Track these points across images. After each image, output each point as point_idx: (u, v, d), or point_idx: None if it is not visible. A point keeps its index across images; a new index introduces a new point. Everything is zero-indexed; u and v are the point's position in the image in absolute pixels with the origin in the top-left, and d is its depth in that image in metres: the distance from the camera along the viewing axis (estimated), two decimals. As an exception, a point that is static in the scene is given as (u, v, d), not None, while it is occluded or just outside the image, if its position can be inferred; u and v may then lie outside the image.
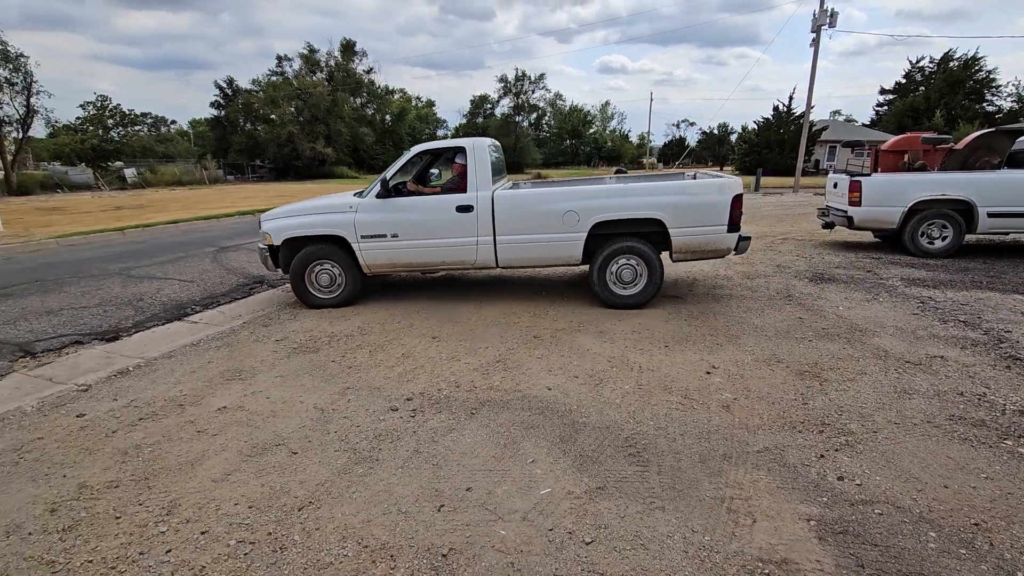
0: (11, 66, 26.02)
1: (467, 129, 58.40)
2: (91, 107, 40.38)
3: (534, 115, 53.99)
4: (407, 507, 2.43)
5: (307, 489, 2.58)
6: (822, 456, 2.74)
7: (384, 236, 5.61)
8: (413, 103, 59.51)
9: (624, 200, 5.36)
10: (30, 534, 2.31)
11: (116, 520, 2.39)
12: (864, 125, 48.27)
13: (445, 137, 63.63)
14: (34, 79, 26.94)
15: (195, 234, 11.35)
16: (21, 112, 27.37)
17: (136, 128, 47.28)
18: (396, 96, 52.95)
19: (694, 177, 5.96)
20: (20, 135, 28.52)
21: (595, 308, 5.42)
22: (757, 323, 4.82)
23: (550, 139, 60.34)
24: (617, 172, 19.30)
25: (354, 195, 5.92)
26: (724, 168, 45.39)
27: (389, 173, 5.64)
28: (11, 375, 3.98)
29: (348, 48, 42.94)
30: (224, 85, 40.70)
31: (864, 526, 2.23)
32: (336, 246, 5.70)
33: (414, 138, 55.09)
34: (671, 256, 5.49)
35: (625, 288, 5.49)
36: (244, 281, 6.81)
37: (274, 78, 40.72)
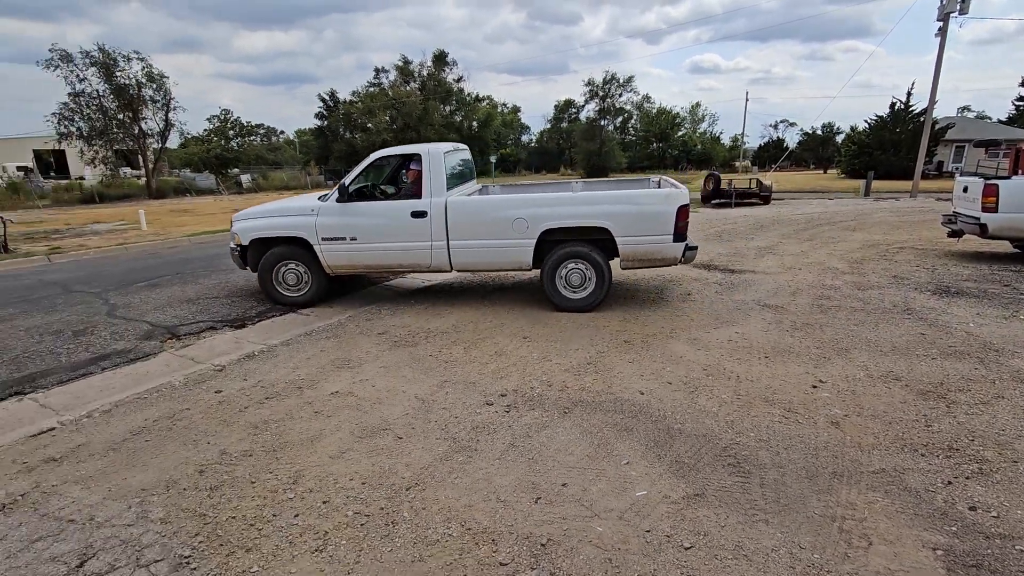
0: (155, 85, 29.71)
1: (551, 134, 58.65)
2: (215, 120, 45.20)
3: (620, 119, 53.23)
4: (506, 496, 2.54)
5: (413, 471, 2.76)
6: (950, 483, 2.52)
7: (343, 239, 5.81)
8: (499, 109, 60.73)
9: (571, 208, 5.52)
10: (184, 489, 2.67)
11: (252, 484, 2.70)
12: (1000, 122, 42.80)
13: (529, 143, 64.28)
14: (172, 96, 30.56)
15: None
16: (161, 126, 31.15)
17: (251, 138, 52.35)
18: (483, 103, 54.41)
19: (658, 184, 5.91)
20: (159, 146, 32.46)
21: (687, 315, 5.29)
22: (871, 337, 4.48)
23: (636, 142, 59.13)
24: (708, 176, 18.55)
25: (318, 199, 6.15)
26: (828, 171, 42.10)
27: (348, 179, 5.85)
28: (162, 354, 4.58)
29: (440, 58, 44.76)
30: (327, 97, 43.88)
31: (1003, 562, 2.03)
32: (300, 247, 5.93)
33: (499, 143, 56.19)
34: (620, 263, 5.58)
35: (574, 291, 5.61)
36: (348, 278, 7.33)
37: (371, 89, 43.31)
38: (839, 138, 49.74)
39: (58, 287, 7.24)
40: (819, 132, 53.89)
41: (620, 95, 48.45)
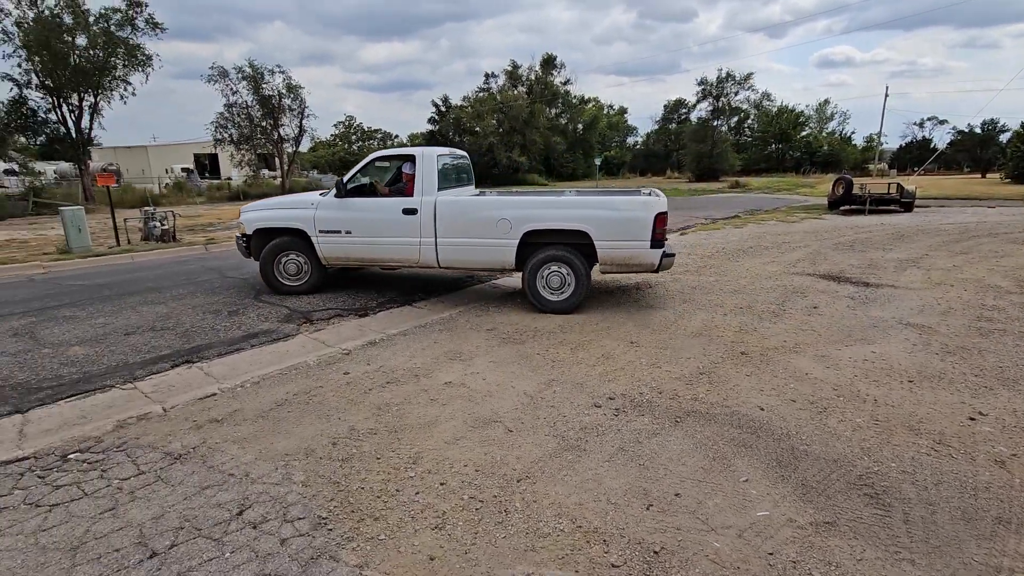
0: (292, 95, 33.13)
1: (658, 135, 56.83)
2: (340, 126, 49.35)
3: (735, 118, 50.18)
4: (616, 499, 2.52)
5: (523, 464, 2.84)
6: None
7: (339, 232, 6.21)
8: (605, 111, 60.02)
9: (553, 211, 5.69)
10: (320, 458, 2.96)
11: (377, 460, 2.93)
12: None
13: (635, 145, 62.78)
14: (306, 105, 33.88)
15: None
16: (295, 131, 34.68)
17: (370, 142, 56.54)
18: (589, 105, 54.08)
19: (650, 194, 5.80)
20: (293, 150, 36.12)
21: (813, 330, 4.89)
22: (1045, 368, 3.85)
23: (752, 143, 55.46)
24: (838, 180, 16.94)
25: (319, 194, 6.57)
26: (987, 175, 36.60)
27: (347, 176, 6.26)
28: (299, 336, 5.11)
29: (548, 62, 45.22)
30: (439, 103, 46.14)
31: None
32: (299, 239, 6.36)
33: (603, 145, 55.52)
34: (599, 268, 5.70)
35: (554, 293, 5.75)
36: (459, 276, 7.66)
37: (480, 94, 44.83)
38: (1004, 137, 42.98)
39: (215, 272, 8.33)
40: (977, 130, 46.98)
41: (736, 93, 45.72)
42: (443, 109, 46.22)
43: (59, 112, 25.15)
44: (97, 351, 4.72)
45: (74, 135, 25.54)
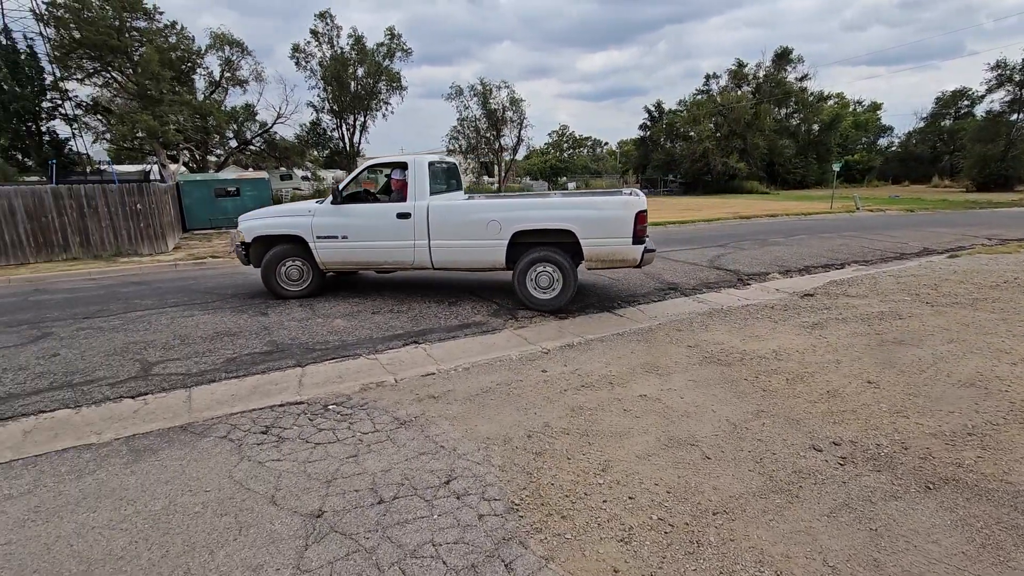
0: (513, 108, 36.03)
1: (922, 135, 46.56)
2: (554, 135, 51.85)
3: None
4: (835, 562, 2.16)
5: (721, 497, 2.62)
6: None
7: (336, 237, 6.48)
8: (851, 108, 51.62)
9: (540, 212, 5.96)
10: (516, 448, 3.16)
11: (568, 460, 3.01)
12: None
13: (889, 147, 52.72)
14: (525, 116, 36.52)
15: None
16: (514, 141, 37.65)
17: (580, 149, 58.21)
18: (830, 102, 47.08)
19: (630, 194, 6.07)
20: (511, 158, 39.25)
21: None
22: None
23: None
24: None
25: (315, 202, 6.88)
26: None
27: (342, 184, 6.55)
28: (504, 330, 5.54)
29: (782, 56, 40.69)
30: (652, 108, 45.17)
31: None
32: (298, 245, 6.65)
33: (844, 148, 47.86)
34: (585, 265, 5.97)
35: (543, 292, 6.05)
36: (659, 286, 7.42)
37: (698, 96, 42.51)
38: None
39: (440, 267, 9.51)
40: None
41: (1051, 78, 34.89)
42: (655, 114, 45.18)
43: (340, 130, 31.41)
44: (352, 325, 5.79)
45: (347, 148, 31.64)
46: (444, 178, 7.19)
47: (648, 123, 45.68)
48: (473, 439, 3.26)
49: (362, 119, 31.76)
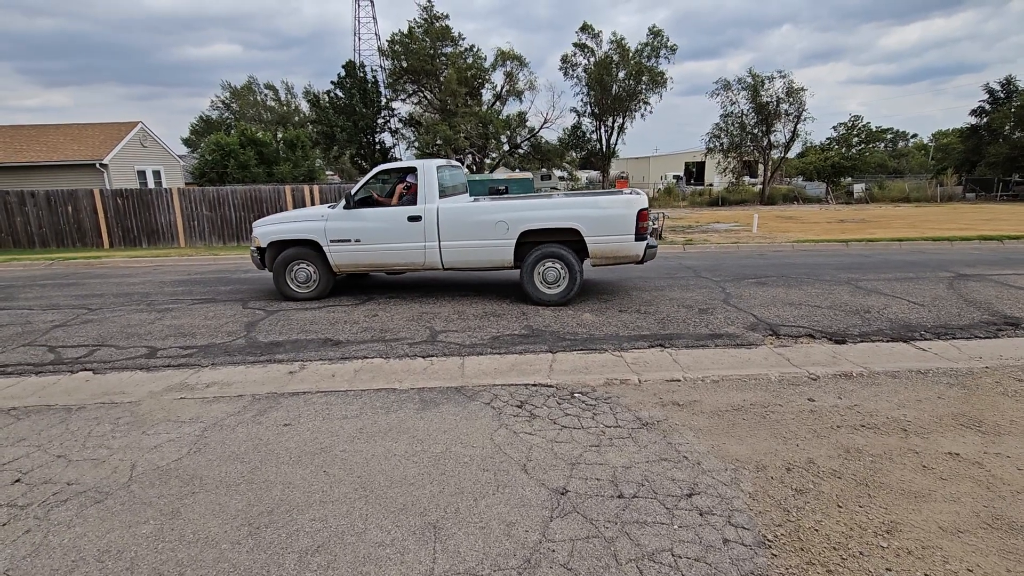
0: (790, 99, 31.86)
1: None
2: (842, 127, 44.11)
3: None
4: None
5: (1084, 618, 1.89)
6: None
7: (349, 241, 6.73)
8: None
9: (546, 212, 6.39)
10: (772, 478, 2.83)
11: (838, 508, 2.57)
12: None
13: None
14: (804, 107, 31.97)
15: (923, 255, 10.50)
16: (787, 137, 33.34)
17: (874, 144, 48.19)
18: None
19: (631, 193, 6.46)
20: (781, 156, 34.92)
21: None
22: None
23: None
24: None
25: (328, 207, 7.13)
26: None
27: (354, 189, 6.82)
28: (762, 347, 5.00)
29: None
30: (997, 87, 34.50)
31: None
32: (311, 249, 6.89)
33: None
34: (590, 262, 6.45)
35: (550, 287, 6.51)
36: (990, 319, 5.70)
37: (1078, 67, 31.00)
38: None
39: (690, 271, 9.10)
40: None
41: None
42: (1001, 95, 34.56)
43: (599, 132, 32.58)
44: (599, 320, 5.99)
45: (604, 149, 32.63)
46: (451, 182, 7.34)
47: (986, 108, 35.21)
48: (720, 457, 3.04)
49: (620, 120, 32.36)
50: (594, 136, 33.53)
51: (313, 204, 15.03)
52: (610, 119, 32.49)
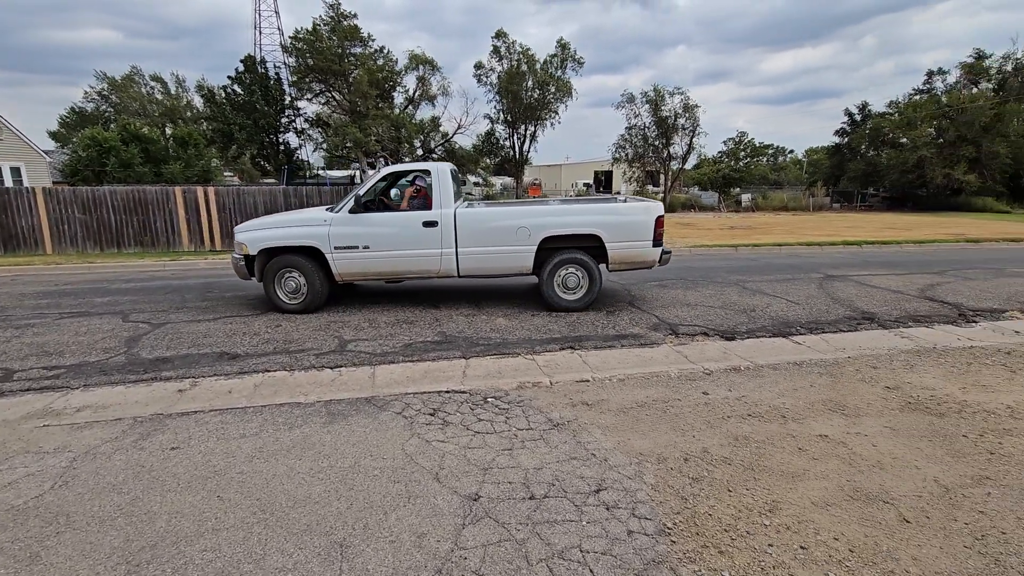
0: (686, 115, 34.38)
1: None
2: (730, 142, 48.23)
3: None
4: None
5: (921, 570, 2.20)
6: None
7: (356, 247, 6.25)
8: None
9: (569, 218, 6.34)
10: (671, 468, 3.01)
11: (728, 492, 2.79)
12: None
13: None
14: (698, 123, 34.60)
15: (799, 258, 11.73)
16: (684, 149, 35.89)
17: (758, 158, 53.27)
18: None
19: (624, 200, 6.83)
20: (679, 167, 37.52)
21: None
22: None
23: None
24: None
25: (326, 210, 6.61)
26: None
27: (361, 191, 6.34)
28: (663, 346, 5.32)
29: (1040, 44, 32.70)
30: (854, 111, 39.49)
31: None
32: (306, 256, 6.31)
33: None
34: (608, 267, 6.45)
35: (570, 293, 6.48)
36: (850, 314, 6.48)
37: (917, 97, 36.06)
38: None
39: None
40: None
41: None
42: (857, 118, 39.53)
43: (512, 139, 33.13)
44: (513, 324, 6.07)
45: (516, 156, 33.22)
46: (455, 186, 7.19)
47: (847, 128, 40.13)
48: (625, 452, 3.19)
49: (532, 128, 33.13)
50: (507, 143, 34.07)
51: (208, 208, 13.91)
52: (522, 127, 33.15)
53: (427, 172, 6.53)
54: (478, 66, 31.98)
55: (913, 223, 21.56)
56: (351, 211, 6.30)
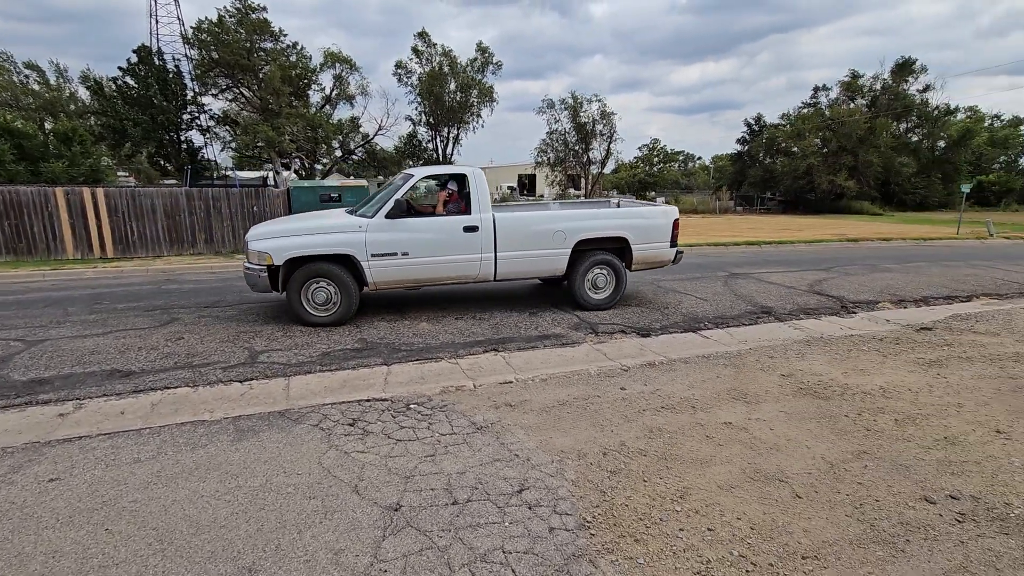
0: (604, 121, 35.78)
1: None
2: (645, 148, 50.80)
3: None
4: (948, 632, 1.92)
5: (811, 540, 2.42)
6: None
7: (395, 254, 6.02)
8: (986, 122, 45.95)
9: (601, 222, 6.66)
10: (591, 464, 3.11)
11: (643, 482, 2.92)
12: None
13: (1032, 165, 46.24)
14: (615, 130, 36.12)
15: (707, 258, 12.54)
16: (603, 155, 37.31)
17: (671, 164, 56.57)
18: (958, 116, 42.24)
19: (618, 205, 7.53)
20: (599, 171, 38.92)
21: None
22: None
23: None
24: None
25: (347, 213, 6.50)
26: None
27: (400, 195, 6.08)
28: (583, 344, 5.49)
29: (904, 67, 37.13)
30: (752, 122, 42.92)
31: None
32: (338, 264, 5.95)
33: (978, 167, 42.70)
34: (629, 267, 6.83)
35: (598, 292, 6.76)
36: (751, 309, 7.01)
37: (805, 110, 39.84)
38: None
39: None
40: None
41: None
42: (755, 128, 42.94)
43: (435, 142, 32.83)
44: (436, 328, 6.00)
45: (440, 159, 32.96)
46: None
47: (746, 137, 43.48)
48: (547, 451, 3.25)
49: (455, 132, 33.04)
50: (430, 145, 33.72)
51: (97, 211, 12.59)
52: (445, 129, 32.97)
53: (464, 176, 6.54)
54: (399, 65, 31.45)
55: (805, 224, 23.72)
56: (388, 216, 5.98)
